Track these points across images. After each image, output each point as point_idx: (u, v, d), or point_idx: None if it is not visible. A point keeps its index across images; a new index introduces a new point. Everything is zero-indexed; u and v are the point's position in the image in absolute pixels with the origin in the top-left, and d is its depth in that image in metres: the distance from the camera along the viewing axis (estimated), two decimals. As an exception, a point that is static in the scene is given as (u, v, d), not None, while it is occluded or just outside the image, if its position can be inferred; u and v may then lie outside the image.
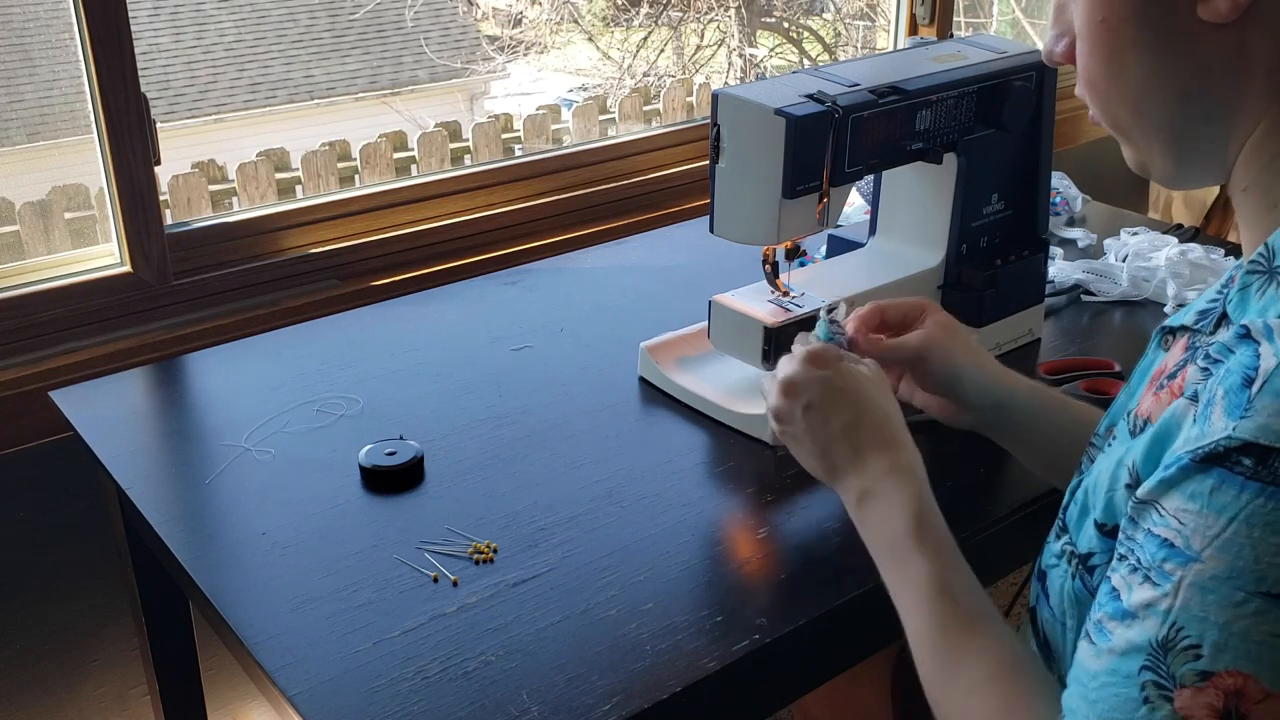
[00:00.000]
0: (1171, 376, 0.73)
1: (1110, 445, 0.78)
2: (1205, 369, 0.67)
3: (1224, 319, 0.72)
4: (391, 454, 1.19)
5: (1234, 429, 0.60)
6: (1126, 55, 0.72)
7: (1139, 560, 0.65)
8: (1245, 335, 0.64)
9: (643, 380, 1.37)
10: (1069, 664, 0.73)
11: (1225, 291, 0.73)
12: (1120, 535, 0.69)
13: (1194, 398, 0.67)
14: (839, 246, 1.54)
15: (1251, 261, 0.70)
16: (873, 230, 1.48)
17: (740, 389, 1.29)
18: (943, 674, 0.80)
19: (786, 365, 0.98)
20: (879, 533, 0.88)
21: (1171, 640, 0.62)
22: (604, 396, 1.34)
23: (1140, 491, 0.66)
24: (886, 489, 0.88)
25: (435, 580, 1.03)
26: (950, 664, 0.80)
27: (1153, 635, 0.63)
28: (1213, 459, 0.61)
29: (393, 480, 1.17)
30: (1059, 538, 0.82)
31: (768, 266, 1.30)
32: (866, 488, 0.90)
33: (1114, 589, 0.67)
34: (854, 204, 1.73)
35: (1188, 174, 0.76)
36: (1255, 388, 0.60)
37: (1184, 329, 0.77)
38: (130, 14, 1.50)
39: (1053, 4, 0.77)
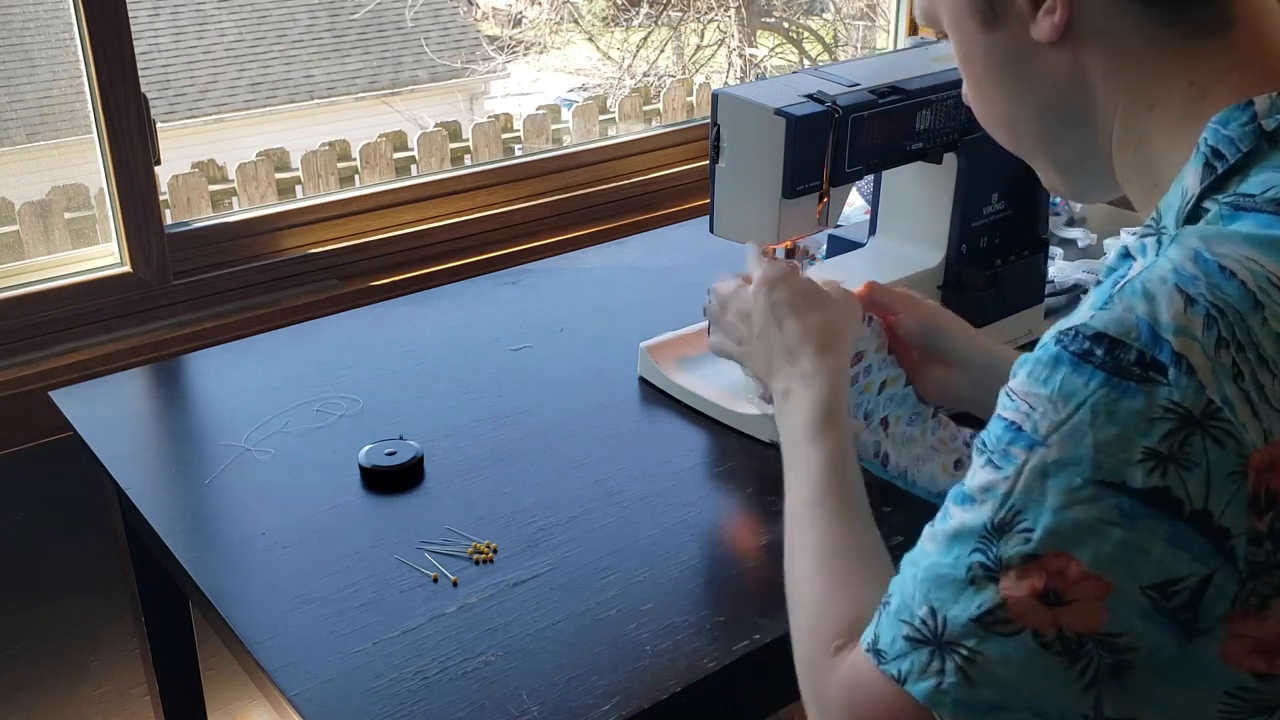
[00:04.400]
0: None
1: None
2: None
3: None
4: (391, 454, 1.19)
5: (1091, 318, 0.62)
6: (987, 85, 0.79)
7: (984, 443, 0.67)
8: (1126, 255, 0.67)
9: (643, 380, 1.37)
10: None
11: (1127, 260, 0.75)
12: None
13: None
14: (839, 246, 1.54)
15: (1144, 227, 0.72)
16: (873, 230, 1.48)
17: (740, 389, 1.29)
18: (790, 548, 0.86)
19: (764, 265, 1.05)
20: (786, 424, 0.95)
21: (1006, 523, 0.64)
22: (604, 396, 1.34)
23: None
24: (802, 393, 0.95)
25: (435, 580, 1.03)
26: (799, 541, 0.86)
27: (988, 518, 0.65)
28: (1065, 343, 0.63)
29: (393, 480, 1.17)
30: None
31: (768, 266, 1.30)
32: (790, 386, 0.97)
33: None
34: (854, 204, 1.73)
35: (1081, 185, 0.81)
36: (1119, 287, 0.63)
37: None
38: (130, 14, 1.51)
39: None
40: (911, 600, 0.68)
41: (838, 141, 1.19)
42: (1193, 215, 0.68)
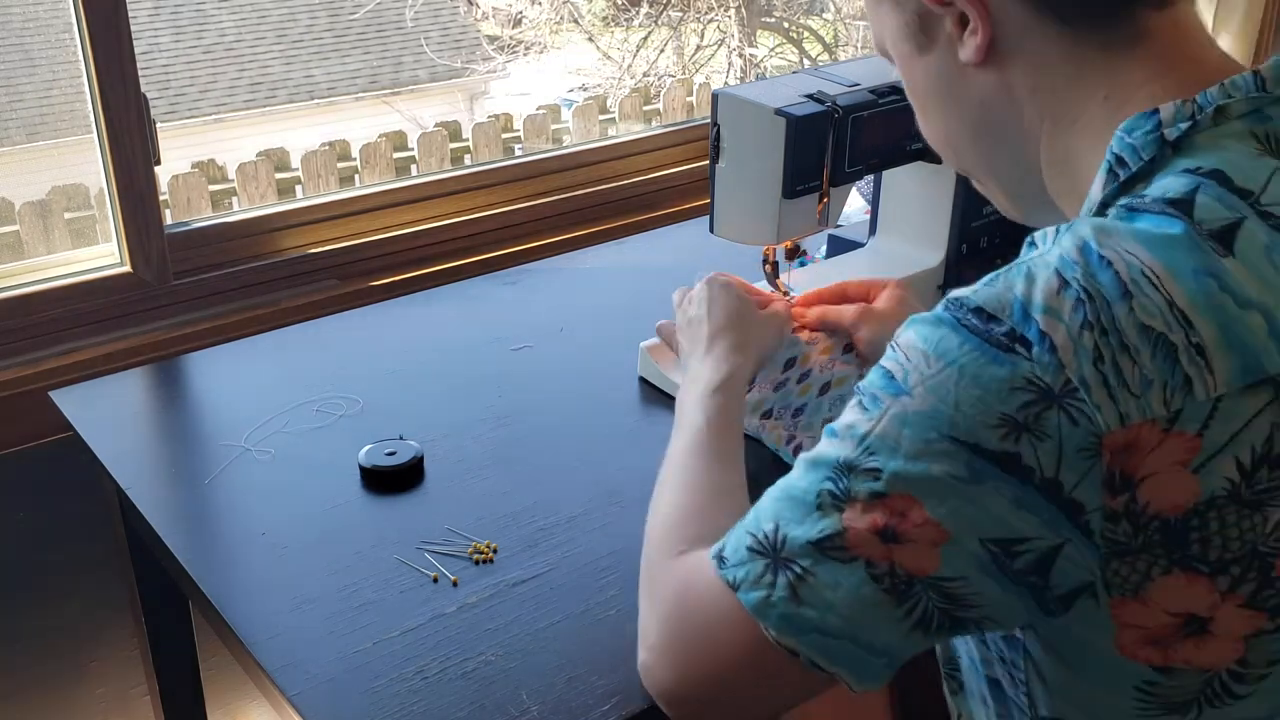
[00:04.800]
0: None
1: None
2: None
3: None
4: (391, 454, 1.19)
5: (975, 292, 0.66)
6: (928, 107, 0.83)
7: (860, 388, 0.70)
8: (1032, 244, 0.70)
9: (643, 380, 1.37)
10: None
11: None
12: None
13: None
14: (839, 246, 1.54)
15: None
16: (873, 230, 1.48)
17: None
18: (659, 484, 0.95)
19: (716, 278, 1.17)
20: (682, 395, 1.06)
21: (857, 462, 0.67)
22: (604, 396, 1.34)
23: None
24: (703, 372, 1.06)
25: (435, 580, 1.03)
26: (666, 477, 0.95)
27: (845, 454, 0.68)
28: (952, 310, 0.66)
29: (393, 480, 1.17)
30: None
31: (768, 266, 1.30)
32: (697, 373, 1.07)
33: None
34: (854, 204, 1.73)
35: (1027, 205, 0.83)
36: (1007, 268, 0.67)
37: None
38: (130, 14, 1.50)
39: None
40: (761, 516, 0.72)
41: (838, 141, 1.19)
42: None
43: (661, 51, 6.25)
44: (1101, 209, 0.70)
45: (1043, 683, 0.73)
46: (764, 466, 1.17)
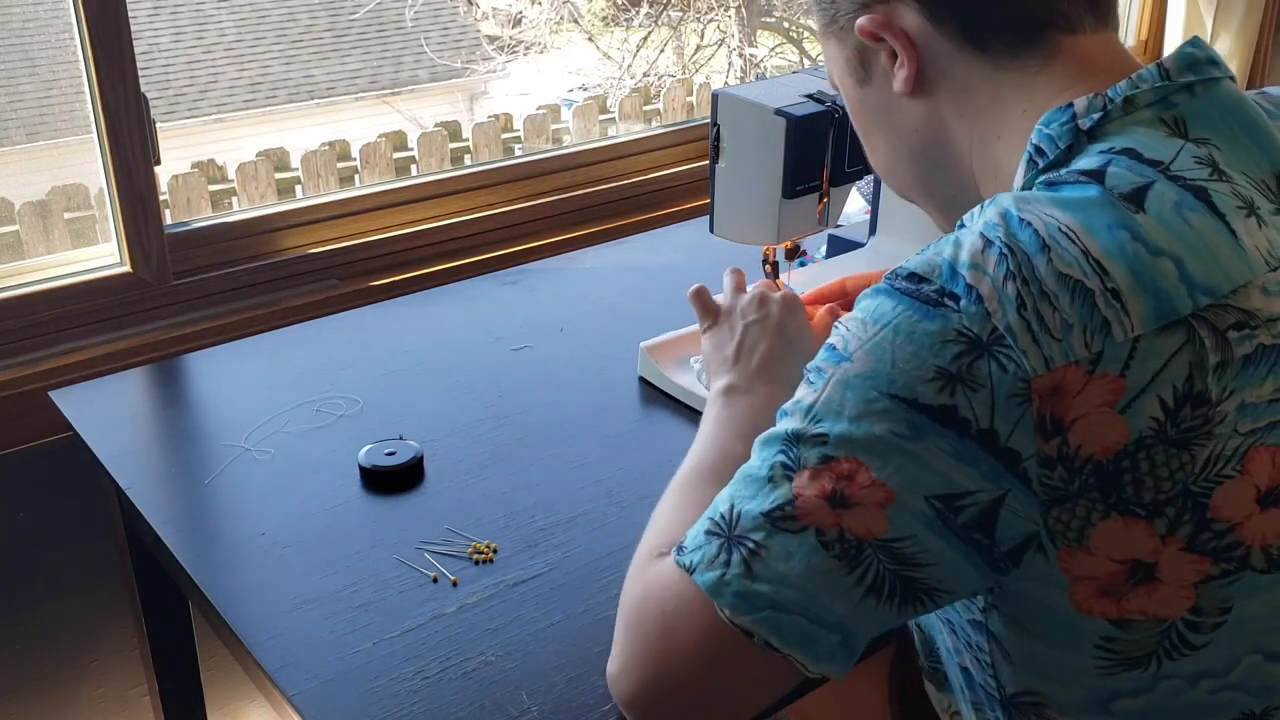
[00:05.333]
0: None
1: None
2: None
3: None
4: (391, 454, 1.19)
5: (908, 261, 0.70)
6: (870, 136, 0.89)
7: (808, 367, 0.73)
8: (961, 225, 0.73)
9: (643, 380, 1.37)
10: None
11: None
12: None
13: None
14: (839, 246, 1.54)
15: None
16: (873, 230, 1.48)
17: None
18: (664, 497, 0.93)
19: (792, 297, 1.12)
20: (716, 410, 1.02)
21: (805, 430, 0.70)
22: (604, 396, 1.34)
23: None
24: (745, 389, 1.03)
25: (435, 580, 1.03)
26: (674, 491, 0.93)
27: (794, 425, 0.71)
28: (890, 280, 0.70)
29: (393, 480, 1.17)
30: None
31: (768, 266, 1.30)
32: (736, 386, 1.04)
33: None
34: (854, 204, 1.73)
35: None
36: (937, 240, 0.71)
37: None
38: (130, 14, 1.50)
39: None
40: (720, 499, 0.74)
41: (838, 141, 1.19)
42: None
43: (661, 51, 6.25)
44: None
45: (1007, 659, 0.75)
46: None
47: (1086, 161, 0.72)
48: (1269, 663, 0.71)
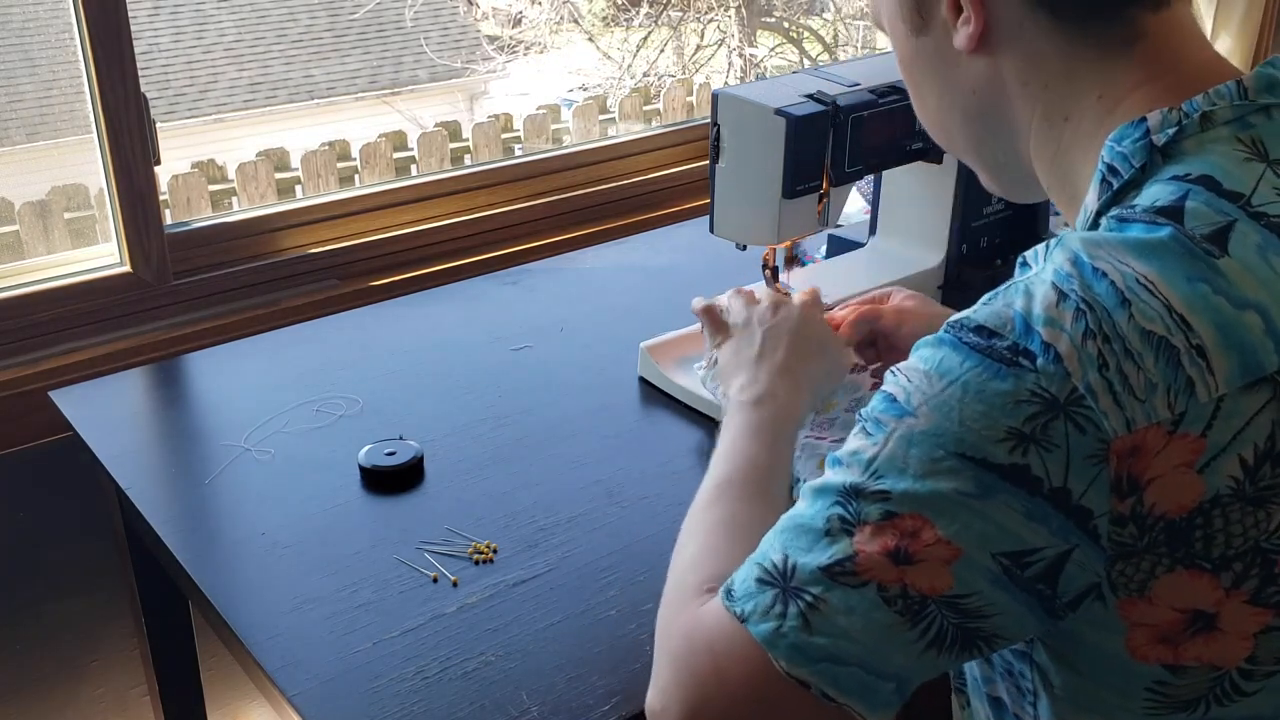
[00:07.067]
0: None
1: None
2: None
3: None
4: (391, 454, 1.19)
5: (975, 312, 0.67)
6: (921, 88, 0.83)
7: (862, 414, 0.70)
8: (1024, 264, 0.71)
9: (643, 380, 1.36)
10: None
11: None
12: None
13: None
14: (839, 246, 1.54)
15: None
16: (873, 230, 1.48)
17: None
18: (690, 515, 0.89)
19: (811, 301, 1.09)
20: (739, 417, 0.97)
21: (865, 485, 0.67)
22: (604, 396, 1.34)
23: None
24: (768, 394, 0.99)
25: (435, 580, 1.03)
26: (700, 509, 0.88)
27: (852, 479, 0.68)
28: (953, 331, 0.67)
29: (393, 480, 1.17)
30: None
31: (767, 271, 1.30)
32: (754, 394, 0.99)
33: None
34: (854, 204, 1.73)
35: (1011, 186, 0.85)
36: (1004, 287, 0.68)
37: None
38: (130, 14, 1.50)
39: None
40: (770, 548, 0.71)
41: (838, 141, 1.19)
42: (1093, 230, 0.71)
43: (661, 51, 6.25)
44: (1096, 218, 0.71)
45: (1049, 691, 0.73)
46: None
47: (1161, 192, 0.68)
48: None
